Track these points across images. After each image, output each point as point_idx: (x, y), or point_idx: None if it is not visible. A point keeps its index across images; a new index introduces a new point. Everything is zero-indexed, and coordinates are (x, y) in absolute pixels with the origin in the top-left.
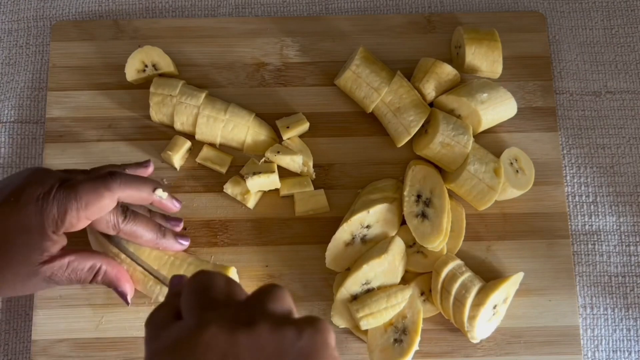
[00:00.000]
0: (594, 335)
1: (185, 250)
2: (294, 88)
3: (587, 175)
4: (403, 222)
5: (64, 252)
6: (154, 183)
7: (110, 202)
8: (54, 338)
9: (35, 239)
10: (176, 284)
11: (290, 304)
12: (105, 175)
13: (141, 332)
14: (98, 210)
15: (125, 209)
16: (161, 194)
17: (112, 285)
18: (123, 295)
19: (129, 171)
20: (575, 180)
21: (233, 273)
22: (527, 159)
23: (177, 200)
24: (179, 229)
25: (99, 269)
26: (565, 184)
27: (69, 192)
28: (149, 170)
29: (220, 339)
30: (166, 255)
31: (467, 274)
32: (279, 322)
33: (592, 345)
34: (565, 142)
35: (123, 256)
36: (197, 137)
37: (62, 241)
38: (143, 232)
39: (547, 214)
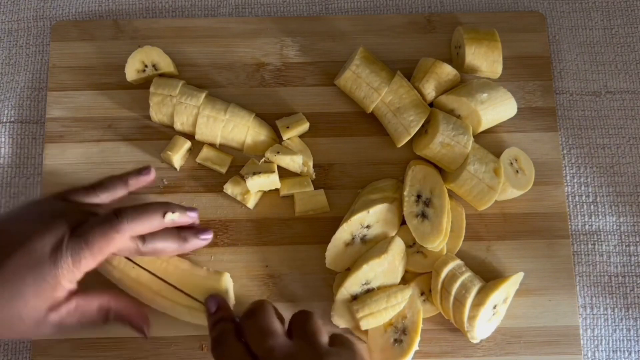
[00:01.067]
0: (594, 335)
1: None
2: (294, 88)
3: (587, 175)
4: (403, 222)
5: (70, 295)
6: (162, 208)
7: (122, 242)
8: (54, 338)
9: (47, 290)
10: (214, 306)
11: (322, 328)
12: (111, 217)
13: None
14: (111, 250)
15: None
16: (172, 217)
17: (127, 323)
18: (140, 330)
19: (131, 182)
20: (575, 180)
21: (227, 279)
22: (527, 159)
23: (191, 210)
24: (196, 221)
25: (109, 308)
26: (565, 184)
27: (80, 241)
28: (150, 177)
29: None
30: (159, 260)
31: (467, 274)
32: (339, 355)
33: (592, 345)
34: (565, 142)
35: (134, 273)
36: (197, 137)
37: (73, 287)
38: (165, 246)
39: (547, 214)
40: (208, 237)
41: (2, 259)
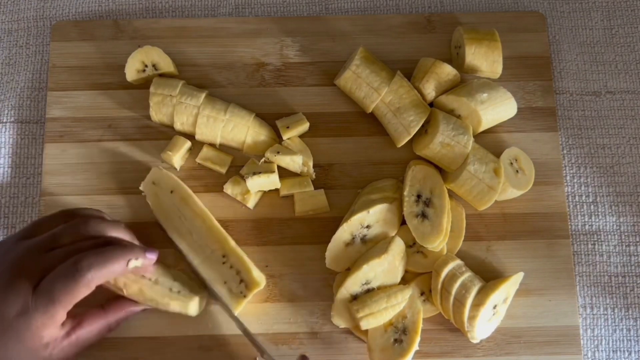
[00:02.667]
0: (594, 335)
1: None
2: (294, 88)
3: (587, 175)
4: (403, 222)
5: (69, 329)
6: (125, 255)
7: (88, 290)
8: None
9: (32, 344)
10: None
11: None
12: (72, 270)
13: (141, 332)
14: (78, 298)
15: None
16: (135, 264)
17: (129, 317)
18: (144, 309)
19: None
20: (575, 180)
21: (194, 302)
22: (527, 159)
23: (150, 252)
24: (153, 261)
25: (108, 323)
26: (565, 184)
27: (45, 299)
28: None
29: None
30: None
31: (467, 274)
32: None
33: (592, 345)
34: (565, 142)
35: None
36: (197, 137)
37: (61, 320)
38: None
39: (547, 214)
40: (154, 255)
41: None
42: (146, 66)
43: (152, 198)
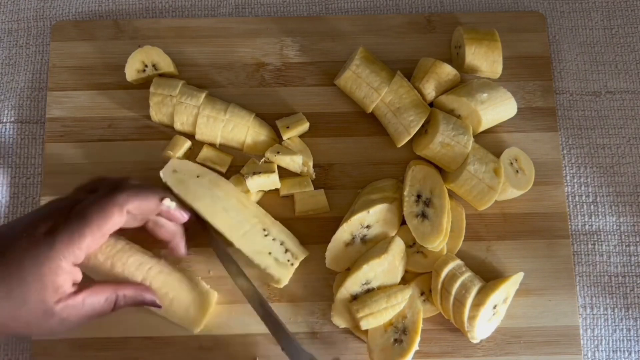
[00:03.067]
0: (594, 335)
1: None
2: (294, 88)
3: (587, 175)
4: (403, 222)
5: (78, 289)
6: (161, 192)
7: (121, 217)
8: (54, 338)
9: (48, 274)
10: None
11: None
12: (110, 191)
13: (141, 332)
14: (111, 227)
15: None
16: (169, 204)
17: (138, 303)
18: (153, 304)
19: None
20: (575, 180)
21: (213, 296)
22: (527, 159)
23: (184, 210)
24: (183, 219)
25: (117, 296)
26: (565, 184)
27: (79, 218)
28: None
29: None
30: (148, 265)
31: (467, 274)
32: None
33: (592, 345)
34: (565, 142)
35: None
36: (197, 137)
37: (76, 275)
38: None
39: (547, 214)
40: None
41: (4, 249)
42: (146, 66)
43: (176, 184)
